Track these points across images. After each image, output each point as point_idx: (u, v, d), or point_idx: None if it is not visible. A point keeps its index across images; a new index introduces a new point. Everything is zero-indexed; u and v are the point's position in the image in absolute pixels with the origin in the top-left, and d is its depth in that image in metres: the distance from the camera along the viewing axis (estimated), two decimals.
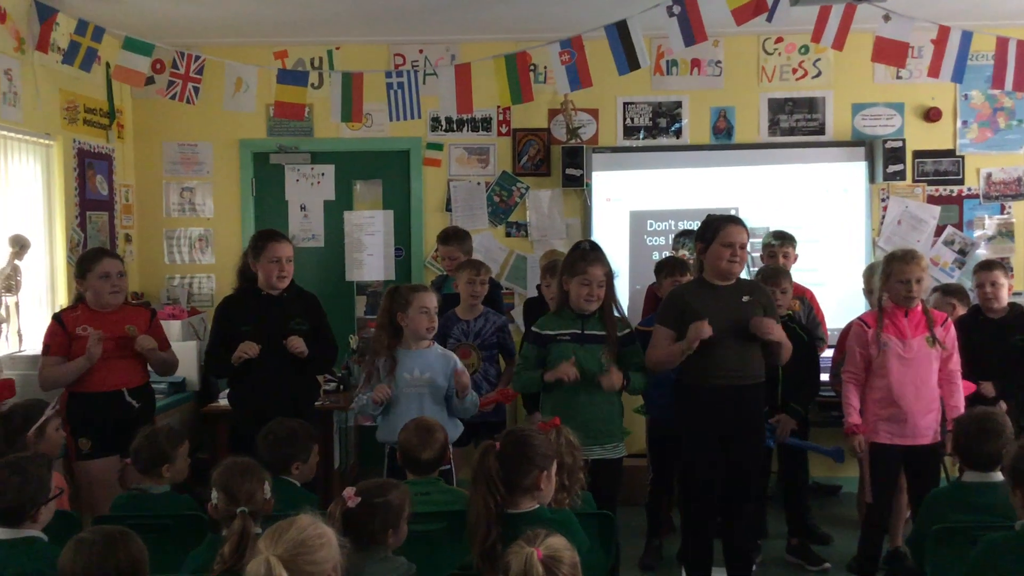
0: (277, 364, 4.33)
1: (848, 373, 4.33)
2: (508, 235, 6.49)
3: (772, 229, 5.67)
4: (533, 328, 4.28)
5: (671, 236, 5.90)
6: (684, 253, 5.39)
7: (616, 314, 4.23)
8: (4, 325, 4.81)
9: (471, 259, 5.16)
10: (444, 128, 6.47)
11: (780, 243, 5.36)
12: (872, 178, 6.28)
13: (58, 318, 4.35)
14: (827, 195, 6.31)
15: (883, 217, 6.35)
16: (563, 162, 6.27)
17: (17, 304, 4.91)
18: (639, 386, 4.20)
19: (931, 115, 6.31)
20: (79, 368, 4.15)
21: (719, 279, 4.11)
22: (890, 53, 5.11)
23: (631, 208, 6.38)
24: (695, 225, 5.93)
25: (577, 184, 6.28)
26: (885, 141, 6.18)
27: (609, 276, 4.20)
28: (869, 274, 4.96)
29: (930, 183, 6.36)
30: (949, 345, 4.22)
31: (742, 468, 4.09)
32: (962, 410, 4.12)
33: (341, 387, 5.63)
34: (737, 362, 4.05)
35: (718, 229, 4.08)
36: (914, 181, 6.34)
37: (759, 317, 4.02)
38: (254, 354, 4.26)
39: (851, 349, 4.35)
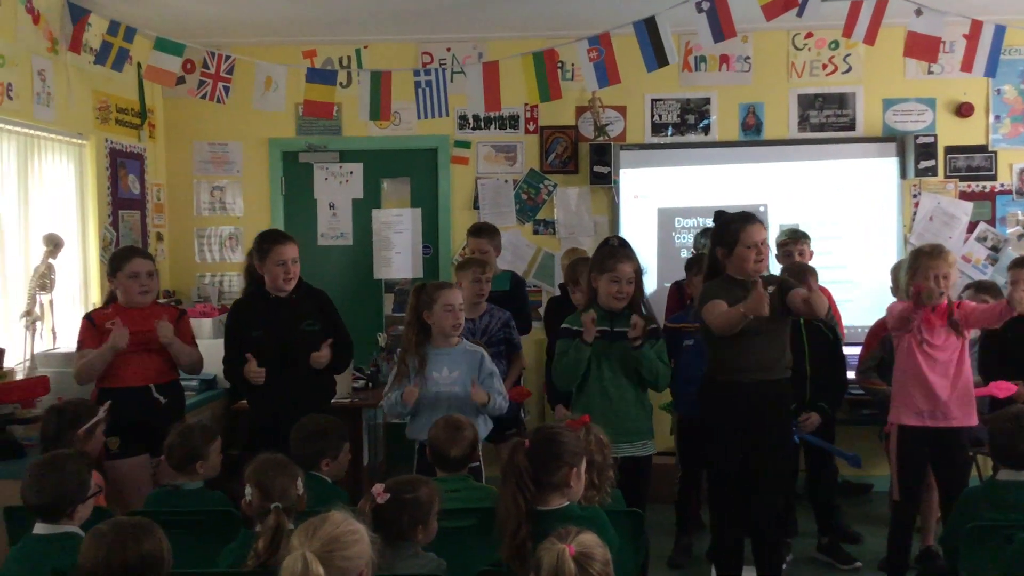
0: (291, 366, 4.34)
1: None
2: (536, 233, 6.49)
3: (785, 227, 5.63)
4: (564, 324, 4.29)
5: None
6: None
7: (644, 311, 4.22)
8: (39, 323, 4.87)
9: (474, 257, 5.13)
10: (472, 126, 6.49)
11: (794, 240, 5.31)
12: (903, 174, 6.22)
13: (89, 317, 4.39)
14: (858, 191, 6.25)
15: (915, 213, 6.29)
16: (591, 159, 6.25)
17: (51, 302, 4.96)
18: (651, 360, 4.10)
19: (963, 110, 6.24)
20: (104, 355, 4.17)
21: (745, 277, 4.07)
22: (922, 48, 5.06)
23: (659, 205, 6.36)
24: None
25: (605, 181, 6.26)
26: (916, 137, 6.11)
27: (638, 273, 4.19)
28: (897, 271, 4.91)
29: (962, 179, 6.28)
30: (968, 316, 4.09)
31: (768, 462, 4.06)
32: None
33: (370, 384, 5.66)
34: (766, 357, 4.01)
35: (738, 231, 4.02)
36: (946, 177, 6.27)
37: (796, 290, 3.93)
38: (260, 381, 4.28)
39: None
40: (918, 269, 4.14)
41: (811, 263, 5.18)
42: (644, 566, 3.57)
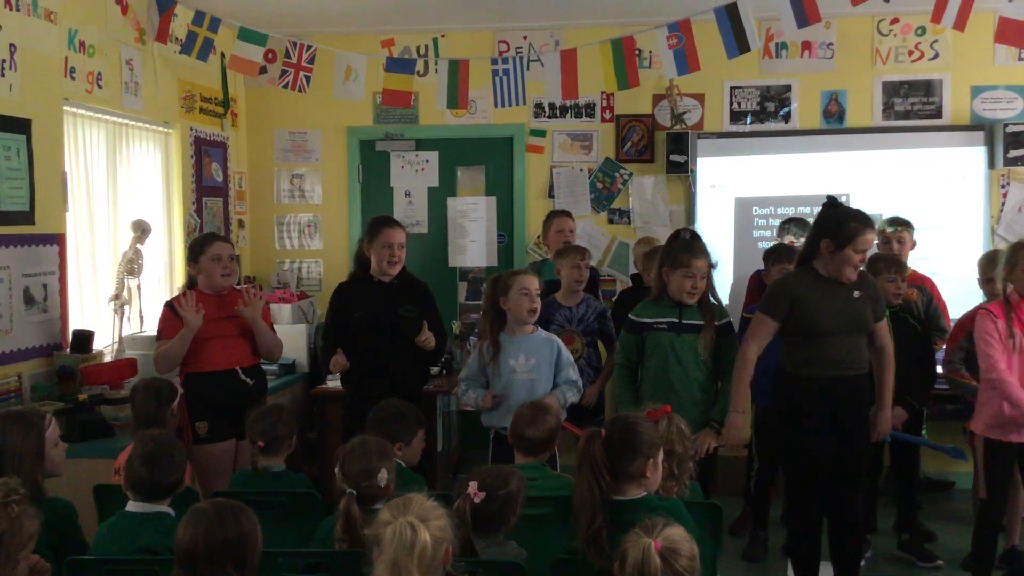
0: (387, 348, 4.40)
1: (995, 371, 4.02)
2: (611, 222, 6.46)
3: (886, 216, 5.49)
4: (630, 315, 4.26)
5: (777, 223, 5.77)
6: (791, 239, 5.27)
7: (713, 302, 4.19)
8: (126, 307, 5.00)
9: (575, 244, 5.15)
10: (547, 114, 6.47)
11: (895, 229, 5.18)
12: (992, 163, 6.04)
13: (170, 305, 4.39)
14: (944, 181, 6.10)
15: (1003, 204, 6.10)
16: (667, 148, 6.20)
17: (139, 286, 5.10)
18: (726, 394, 4.12)
19: None
20: (184, 339, 4.20)
21: (837, 278, 3.97)
22: (1014, 33, 4.89)
23: (736, 195, 6.28)
24: (801, 212, 5.86)
25: (681, 170, 6.20)
26: (1006, 125, 5.94)
27: (709, 267, 4.14)
28: (985, 263, 4.77)
29: None
30: None
31: (850, 458, 3.98)
32: None
33: (444, 371, 5.70)
34: (844, 354, 3.93)
35: (855, 234, 3.84)
36: None
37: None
38: (340, 369, 4.43)
39: (986, 340, 4.05)
40: (1017, 263, 4.02)
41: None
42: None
